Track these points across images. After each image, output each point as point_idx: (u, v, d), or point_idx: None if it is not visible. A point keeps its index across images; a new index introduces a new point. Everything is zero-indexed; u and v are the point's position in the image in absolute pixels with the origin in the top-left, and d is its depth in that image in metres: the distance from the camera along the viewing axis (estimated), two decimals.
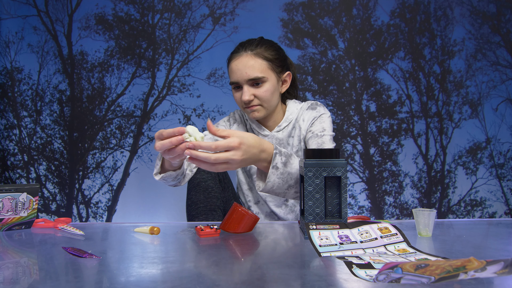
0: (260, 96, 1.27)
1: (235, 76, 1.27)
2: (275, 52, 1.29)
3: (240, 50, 1.27)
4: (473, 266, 0.48)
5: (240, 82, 1.27)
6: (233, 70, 1.27)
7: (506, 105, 2.11)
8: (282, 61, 1.32)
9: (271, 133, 1.36)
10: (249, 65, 1.24)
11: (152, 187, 2.08)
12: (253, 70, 1.24)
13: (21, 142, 2.10)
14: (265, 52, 1.27)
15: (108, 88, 2.12)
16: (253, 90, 1.26)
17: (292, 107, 1.38)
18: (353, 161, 2.11)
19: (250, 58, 1.25)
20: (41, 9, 2.10)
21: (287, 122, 1.36)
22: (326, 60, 2.11)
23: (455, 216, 2.10)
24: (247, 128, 1.41)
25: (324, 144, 1.26)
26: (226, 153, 0.89)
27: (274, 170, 1.01)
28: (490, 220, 1.56)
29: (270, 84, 1.27)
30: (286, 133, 1.36)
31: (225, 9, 2.10)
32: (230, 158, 0.89)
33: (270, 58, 1.27)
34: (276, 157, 1.01)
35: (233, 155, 0.90)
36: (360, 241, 0.78)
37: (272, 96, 1.29)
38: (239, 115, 1.45)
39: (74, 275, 0.66)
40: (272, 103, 1.31)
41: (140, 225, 1.04)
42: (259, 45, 1.27)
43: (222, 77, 2.11)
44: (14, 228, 1.04)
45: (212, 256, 0.78)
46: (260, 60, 1.25)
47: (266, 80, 1.26)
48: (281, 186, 1.04)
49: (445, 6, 2.10)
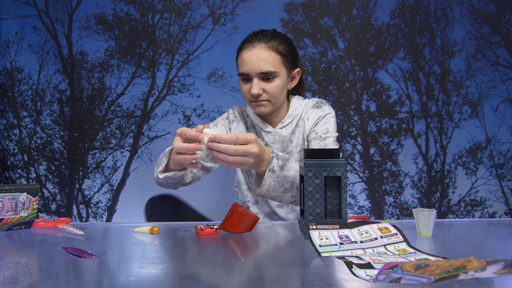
0: (270, 91, 1.22)
1: (246, 68, 1.20)
2: (288, 47, 1.24)
3: (254, 40, 1.21)
4: (473, 266, 0.48)
5: (251, 75, 1.21)
6: (244, 61, 1.21)
7: (506, 105, 2.11)
8: (294, 57, 1.27)
9: (275, 129, 1.31)
10: (262, 58, 1.19)
11: (152, 187, 2.07)
12: (266, 63, 1.19)
13: (21, 142, 2.10)
14: (279, 46, 1.21)
15: (108, 88, 2.12)
16: (263, 85, 1.21)
17: (296, 103, 1.34)
18: (353, 161, 2.11)
19: (264, 50, 1.19)
20: (41, 9, 2.10)
21: (290, 119, 1.32)
22: (326, 60, 2.11)
23: (455, 216, 2.10)
24: (248, 125, 1.36)
25: (327, 147, 1.24)
26: (246, 146, 0.92)
27: (271, 173, 1.01)
28: (490, 220, 1.56)
29: (281, 80, 1.22)
30: (290, 130, 1.31)
31: (225, 9, 2.10)
32: (249, 150, 0.92)
33: (283, 52, 1.22)
34: (273, 160, 1.01)
35: (251, 147, 0.92)
36: (360, 241, 0.78)
37: (281, 93, 1.24)
38: (238, 111, 1.39)
39: (74, 275, 0.66)
40: (280, 99, 1.27)
41: (140, 225, 1.04)
42: (273, 38, 1.22)
43: (222, 77, 2.11)
44: (14, 228, 1.04)
45: (212, 256, 0.78)
46: (274, 54, 1.20)
47: (278, 76, 1.21)
48: (276, 189, 1.04)
49: (445, 6, 2.10)
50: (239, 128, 1.34)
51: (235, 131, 1.34)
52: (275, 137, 1.31)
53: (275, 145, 1.32)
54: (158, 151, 2.12)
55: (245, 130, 1.35)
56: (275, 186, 1.03)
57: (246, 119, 1.37)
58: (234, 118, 1.37)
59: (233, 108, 1.40)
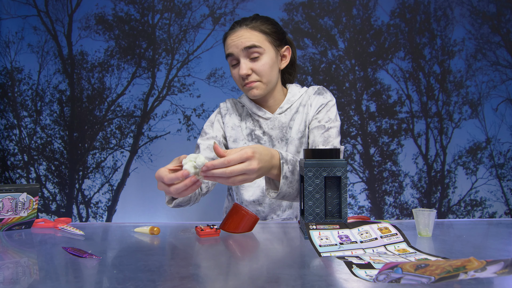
0: (258, 70, 1.20)
1: (230, 48, 1.20)
2: (272, 26, 1.23)
3: (235, 26, 1.22)
4: (473, 266, 0.48)
5: (236, 53, 1.20)
6: (228, 44, 1.21)
7: (506, 105, 2.11)
8: (280, 35, 1.26)
9: (273, 115, 1.29)
10: (245, 36, 1.18)
11: (152, 187, 2.08)
12: (249, 39, 1.18)
13: (21, 142, 2.10)
14: (262, 25, 1.21)
15: (108, 88, 2.12)
16: (251, 64, 1.20)
17: (294, 90, 1.32)
18: (353, 161, 2.11)
19: (246, 31, 1.20)
20: (41, 9, 2.10)
21: (289, 104, 1.29)
22: (326, 60, 2.11)
23: (455, 216, 2.10)
24: (243, 116, 1.33)
25: (330, 138, 1.22)
26: (241, 164, 0.87)
27: (284, 180, 1.00)
28: (490, 220, 1.56)
29: (268, 57, 1.21)
30: (289, 116, 1.29)
31: (225, 9, 2.10)
32: (246, 168, 0.87)
33: (267, 31, 1.21)
34: (284, 166, 1.00)
35: (248, 165, 0.88)
36: (360, 241, 0.78)
37: (271, 71, 1.22)
38: (231, 103, 1.36)
39: (74, 275, 0.66)
40: (271, 78, 1.24)
41: (140, 225, 1.04)
42: (255, 20, 1.22)
43: (222, 77, 2.11)
44: (14, 228, 1.04)
45: (212, 256, 0.78)
46: (257, 33, 1.20)
47: (263, 52, 1.20)
48: (291, 194, 1.04)
49: (445, 6, 2.10)
50: (232, 121, 1.31)
51: (227, 123, 1.31)
52: (274, 123, 1.28)
53: (274, 131, 1.28)
54: (158, 151, 2.12)
55: (238, 122, 1.31)
56: (290, 192, 1.03)
57: (241, 110, 1.34)
58: (226, 111, 1.34)
59: (225, 101, 1.37)
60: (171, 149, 2.11)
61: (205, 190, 1.27)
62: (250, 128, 1.30)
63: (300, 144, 1.27)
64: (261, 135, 1.29)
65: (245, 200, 1.31)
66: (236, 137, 1.30)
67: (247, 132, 1.30)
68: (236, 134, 1.30)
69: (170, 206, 1.09)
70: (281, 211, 1.30)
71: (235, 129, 1.31)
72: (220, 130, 1.33)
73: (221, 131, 1.33)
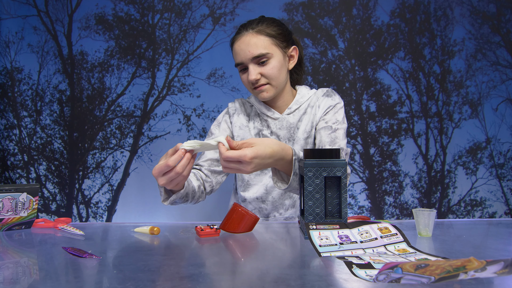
0: (267, 74, 1.22)
1: (239, 57, 1.22)
2: (277, 28, 1.24)
3: (242, 31, 1.23)
4: (473, 266, 0.48)
5: (245, 62, 1.22)
6: (236, 52, 1.23)
7: (506, 105, 2.11)
8: (286, 36, 1.27)
9: (282, 115, 1.30)
10: (251, 43, 1.20)
11: (152, 187, 2.08)
12: (256, 47, 1.20)
13: (21, 142, 2.10)
14: (267, 28, 1.22)
15: (108, 88, 2.12)
16: (259, 69, 1.22)
17: (303, 91, 1.34)
18: (353, 161, 2.11)
19: (252, 36, 1.21)
20: (41, 9, 2.10)
21: (297, 105, 1.31)
22: (326, 60, 2.11)
23: (455, 216, 2.10)
24: (252, 116, 1.34)
25: (337, 139, 1.23)
26: (237, 163, 0.93)
27: (295, 176, 1.02)
28: (490, 220, 1.56)
29: (276, 60, 1.22)
30: (297, 117, 1.30)
31: (225, 9, 2.10)
32: (239, 168, 0.93)
33: (273, 34, 1.22)
34: (296, 163, 1.01)
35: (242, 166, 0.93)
36: (360, 241, 0.78)
37: (279, 73, 1.24)
38: (239, 103, 1.38)
39: (74, 275, 0.66)
40: (280, 80, 1.26)
41: (140, 225, 1.04)
42: (260, 23, 1.23)
43: (222, 77, 2.11)
44: (14, 228, 1.04)
45: (212, 256, 0.78)
46: (263, 37, 1.21)
47: (271, 57, 1.21)
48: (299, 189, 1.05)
49: (445, 6, 2.10)
50: (240, 121, 1.33)
51: (235, 123, 1.33)
52: (282, 123, 1.30)
53: (282, 131, 1.30)
54: (158, 151, 2.12)
55: (246, 122, 1.33)
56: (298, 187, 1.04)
57: (249, 110, 1.36)
58: (234, 111, 1.36)
59: (234, 101, 1.39)
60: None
61: (209, 189, 1.28)
62: (258, 128, 1.32)
63: (306, 144, 1.29)
64: (269, 135, 1.30)
65: (249, 197, 1.32)
66: (244, 137, 1.32)
67: (254, 132, 1.32)
68: (243, 134, 1.32)
69: (166, 203, 1.09)
70: (283, 209, 1.31)
71: (243, 128, 1.33)
72: (227, 130, 1.35)
73: (228, 131, 1.34)
